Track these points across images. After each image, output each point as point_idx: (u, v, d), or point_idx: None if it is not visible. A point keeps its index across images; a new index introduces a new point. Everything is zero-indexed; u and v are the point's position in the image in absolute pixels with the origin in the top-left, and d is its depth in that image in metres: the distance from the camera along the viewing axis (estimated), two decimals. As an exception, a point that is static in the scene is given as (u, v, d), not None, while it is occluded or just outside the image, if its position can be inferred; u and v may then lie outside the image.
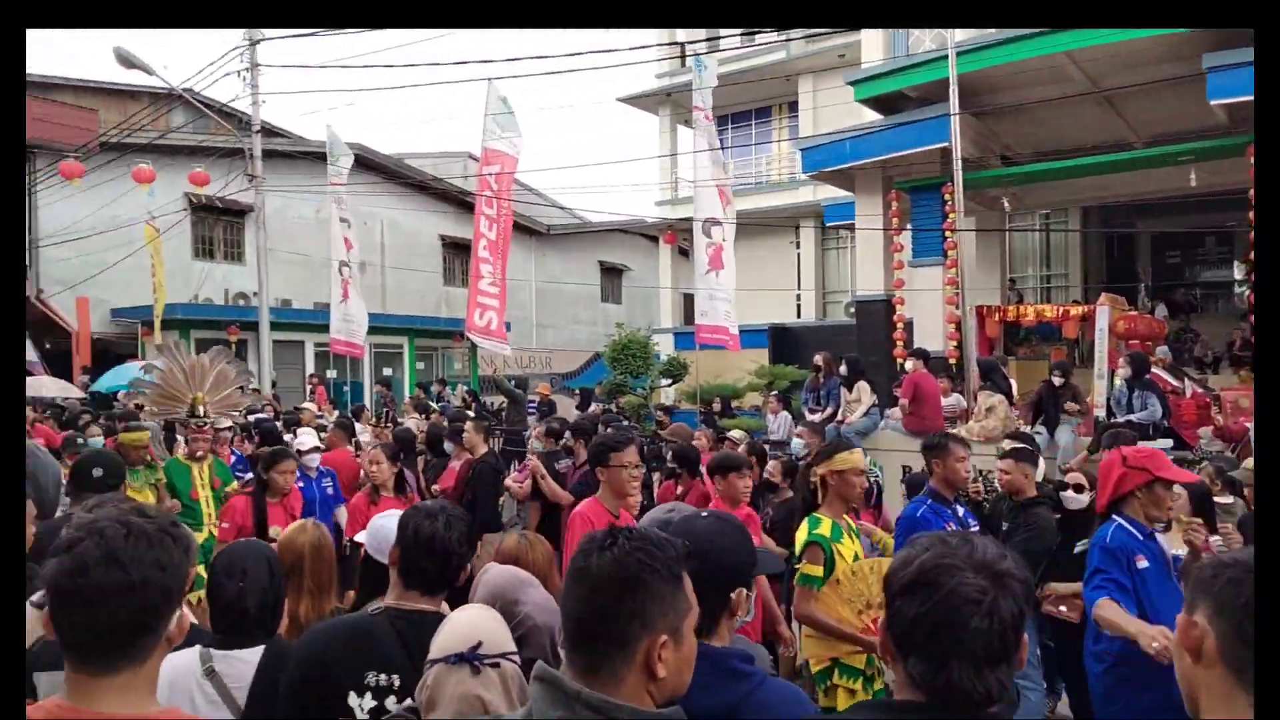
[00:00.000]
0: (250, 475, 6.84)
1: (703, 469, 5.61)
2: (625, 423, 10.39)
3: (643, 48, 14.42)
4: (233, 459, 7.43)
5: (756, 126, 21.76)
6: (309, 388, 16.04)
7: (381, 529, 2.81)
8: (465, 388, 17.37)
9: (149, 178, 14.39)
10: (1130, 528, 3.29)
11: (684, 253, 22.87)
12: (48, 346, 16.99)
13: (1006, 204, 13.15)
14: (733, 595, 1.75)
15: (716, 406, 13.75)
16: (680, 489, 5.92)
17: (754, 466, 5.41)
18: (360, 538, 2.96)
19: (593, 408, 14.18)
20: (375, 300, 20.57)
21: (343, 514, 6.09)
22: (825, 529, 3.52)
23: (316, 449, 6.26)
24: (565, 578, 1.41)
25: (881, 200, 12.37)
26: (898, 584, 1.32)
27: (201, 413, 6.07)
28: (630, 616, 1.33)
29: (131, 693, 1.41)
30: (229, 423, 7.57)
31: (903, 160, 11.54)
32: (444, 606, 2.17)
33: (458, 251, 23.99)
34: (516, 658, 1.74)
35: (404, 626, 2.04)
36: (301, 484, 5.70)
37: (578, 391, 18.22)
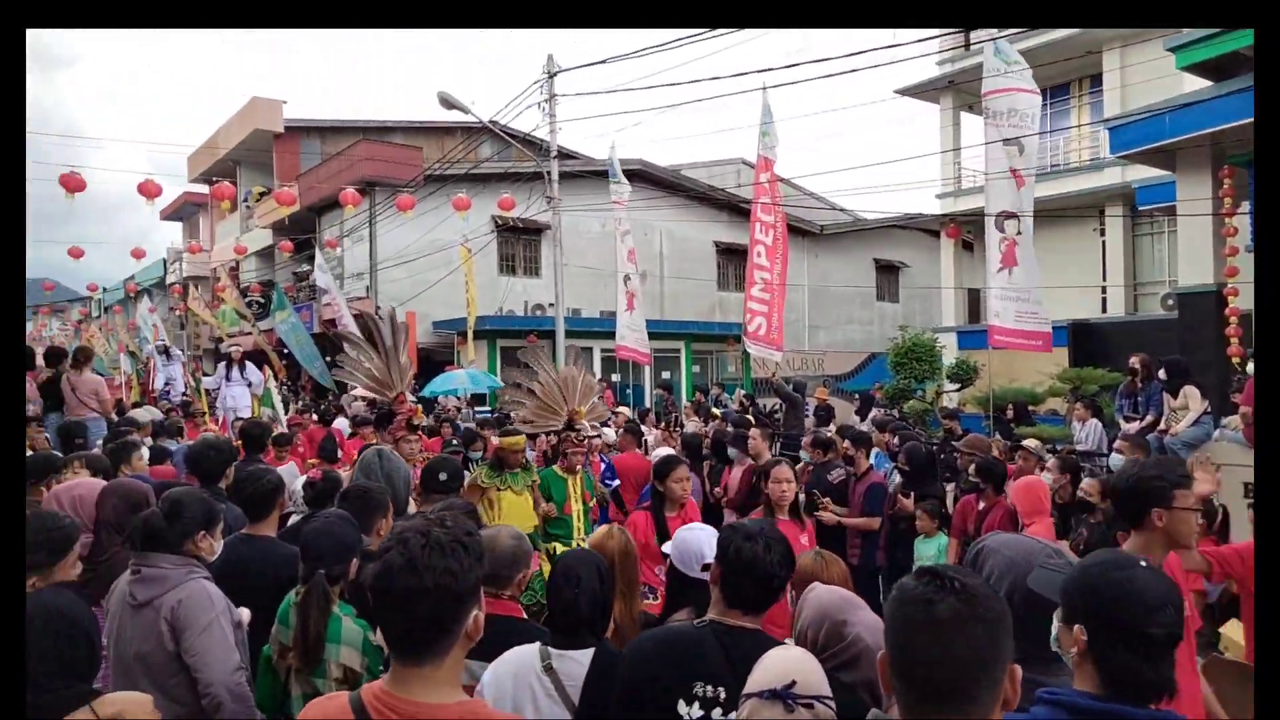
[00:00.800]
0: (616, 483, 7.08)
1: (1008, 486, 5.27)
2: (912, 429, 10.00)
3: (924, 39, 13.74)
4: (602, 467, 7.62)
5: (1052, 106, 19.89)
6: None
7: (684, 541, 2.95)
8: (742, 391, 17.57)
9: (466, 205, 16.16)
10: None
11: (968, 246, 21.50)
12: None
13: (1383, 172, 10.94)
14: None
15: (1009, 413, 12.73)
16: (982, 505, 5.60)
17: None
18: (666, 548, 3.13)
19: (873, 412, 13.76)
20: (654, 307, 21.52)
21: None
22: None
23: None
24: (901, 628, 1.38)
25: (1210, 179, 10.82)
26: None
27: (579, 426, 5.85)
28: (1001, 651, 1.34)
29: (436, 684, 1.57)
30: (611, 434, 7.73)
31: (1239, 131, 10.00)
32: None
33: (731, 257, 24.45)
34: (832, 703, 1.75)
35: (729, 642, 2.13)
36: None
37: (857, 396, 17.74)
